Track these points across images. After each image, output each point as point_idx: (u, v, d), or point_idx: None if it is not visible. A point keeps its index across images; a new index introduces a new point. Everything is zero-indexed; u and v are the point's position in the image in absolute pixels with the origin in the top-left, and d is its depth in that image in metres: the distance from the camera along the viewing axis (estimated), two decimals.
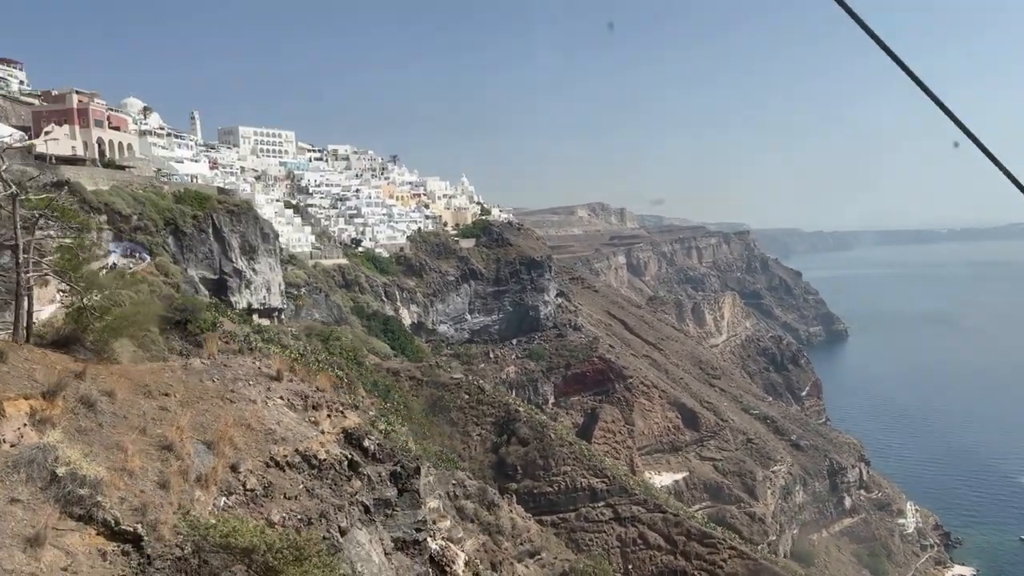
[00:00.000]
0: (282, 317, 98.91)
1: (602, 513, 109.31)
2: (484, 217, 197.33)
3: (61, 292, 54.75)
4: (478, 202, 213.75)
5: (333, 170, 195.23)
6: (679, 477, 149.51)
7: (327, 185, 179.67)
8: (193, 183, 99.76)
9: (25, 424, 16.36)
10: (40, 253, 23.78)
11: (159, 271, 69.06)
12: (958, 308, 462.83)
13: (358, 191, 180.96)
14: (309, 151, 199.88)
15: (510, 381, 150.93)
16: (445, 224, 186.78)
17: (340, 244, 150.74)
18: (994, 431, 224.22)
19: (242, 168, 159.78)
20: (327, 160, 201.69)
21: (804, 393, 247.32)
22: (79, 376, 19.18)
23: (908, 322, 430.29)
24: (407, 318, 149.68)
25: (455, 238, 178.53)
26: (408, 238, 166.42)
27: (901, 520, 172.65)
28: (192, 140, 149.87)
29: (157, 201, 77.91)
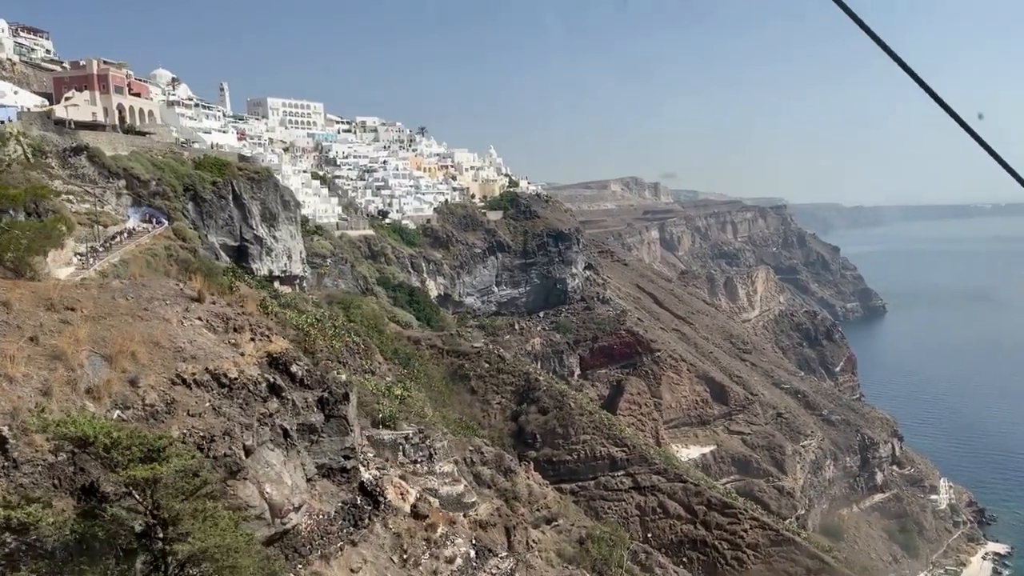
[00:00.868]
0: (304, 285, 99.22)
1: (621, 482, 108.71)
2: (512, 189, 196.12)
3: (79, 255, 55.27)
4: (506, 174, 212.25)
5: (361, 142, 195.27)
6: (707, 450, 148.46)
7: (355, 157, 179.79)
8: (213, 150, 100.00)
9: None
10: None
11: (176, 236, 69.40)
12: (1000, 284, 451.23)
13: (385, 163, 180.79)
14: (337, 123, 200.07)
15: (535, 353, 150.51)
16: (472, 196, 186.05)
17: (367, 215, 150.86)
18: None
19: (270, 139, 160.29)
20: (355, 132, 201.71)
21: (838, 368, 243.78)
22: None
23: (948, 299, 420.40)
24: (434, 290, 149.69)
25: (482, 210, 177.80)
26: (435, 210, 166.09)
27: (934, 496, 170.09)
28: (220, 111, 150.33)
29: (176, 167, 78.23)
